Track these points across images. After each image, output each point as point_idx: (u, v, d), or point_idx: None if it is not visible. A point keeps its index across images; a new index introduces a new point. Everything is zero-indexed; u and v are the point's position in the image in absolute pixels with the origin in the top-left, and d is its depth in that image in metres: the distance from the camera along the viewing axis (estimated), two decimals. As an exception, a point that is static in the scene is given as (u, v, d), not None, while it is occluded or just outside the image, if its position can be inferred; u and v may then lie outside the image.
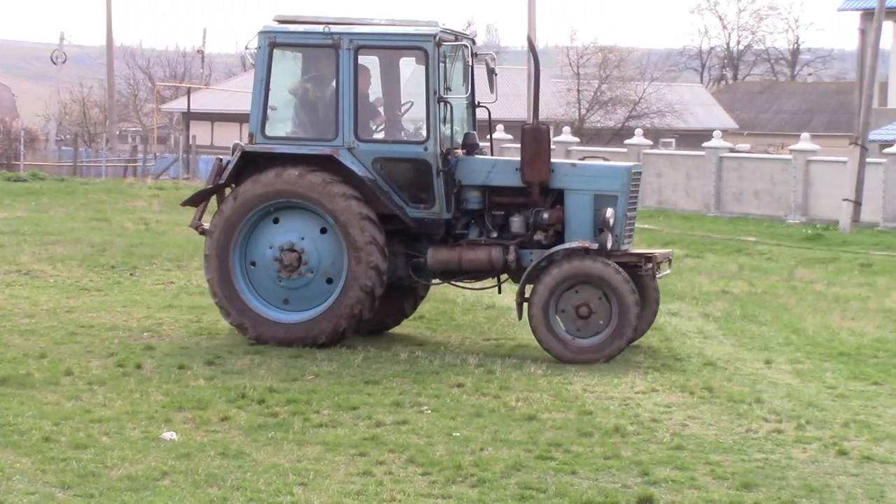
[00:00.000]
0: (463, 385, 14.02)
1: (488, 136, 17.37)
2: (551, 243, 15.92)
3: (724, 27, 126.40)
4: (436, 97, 15.74)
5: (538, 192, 15.95)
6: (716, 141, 43.42)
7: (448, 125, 16.20)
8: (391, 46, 16.40)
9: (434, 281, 16.77)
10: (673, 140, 65.96)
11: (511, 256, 15.90)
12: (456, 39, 16.27)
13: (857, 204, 36.16)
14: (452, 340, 16.88)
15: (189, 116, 70.47)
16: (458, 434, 12.02)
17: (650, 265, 15.77)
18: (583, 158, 17.16)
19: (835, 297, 21.82)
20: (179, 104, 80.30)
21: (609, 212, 15.55)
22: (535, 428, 12.31)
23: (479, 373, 14.69)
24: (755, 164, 42.64)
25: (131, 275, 22.36)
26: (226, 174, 16.37)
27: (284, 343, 15.74)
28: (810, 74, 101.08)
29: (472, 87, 16.79)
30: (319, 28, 16.19)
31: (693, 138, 61.51)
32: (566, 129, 48.41)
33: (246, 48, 16.93)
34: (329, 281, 15.93)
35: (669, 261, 16.62)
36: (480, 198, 16.21)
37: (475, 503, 10.11)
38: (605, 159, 17.47)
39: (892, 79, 53.42)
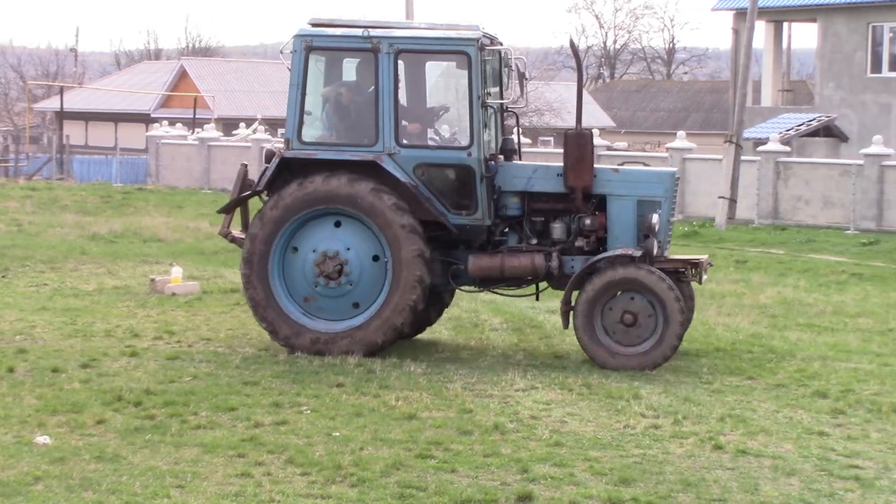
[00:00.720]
0: (343, 385, 14.00)
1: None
2: (593, 250, 15.80)
3: (601, 26, 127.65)
4: (479, 102, 15.49)
5: (581, 197, 15.75)
6: (594, 139, 43.73)
7: (492, 130, 16.14)
8: (433, 50, 16.07)
9: (471, 288, 16.56)
10: (551, 138, 66.39)
11: (554, 263, 15.72)
12: (492, 43, 16.05)
13: (733, 201, 36.69)
14: (332, 340, 16.78)
15: (62, 116, 69.43)
16: (337, 434, 12.00)
17: (695, 271, 15.75)
18: (622, 164, 16.78)
19: (711, 294, 22.11)
20: (52, 103, 79.06)
21: (654, 218, 15.41)
22: (414, 427, 12.33)
23: (359, 372, 14.68)
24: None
25: (3, 277, 22.01)
26: (263, 180, 16.02)
27: (321, 352, 15.42)
28: (686, 73, 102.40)
29: (501, 92, 16.42)
30: (358, 32, 15.90)
31: (571, 137, 61.85)
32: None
33: (281, 52, 16.51)
34: (356, 305, 15.65)
35: (710, 265, 16.43)
36: (520, 204, 15.99)
37: (355, 503, 10.10)
38: (645, 164, 17.28)
39: (765, 78, 54.31)
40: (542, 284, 16.27)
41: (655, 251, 15.35)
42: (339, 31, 16.06)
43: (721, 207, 36.56)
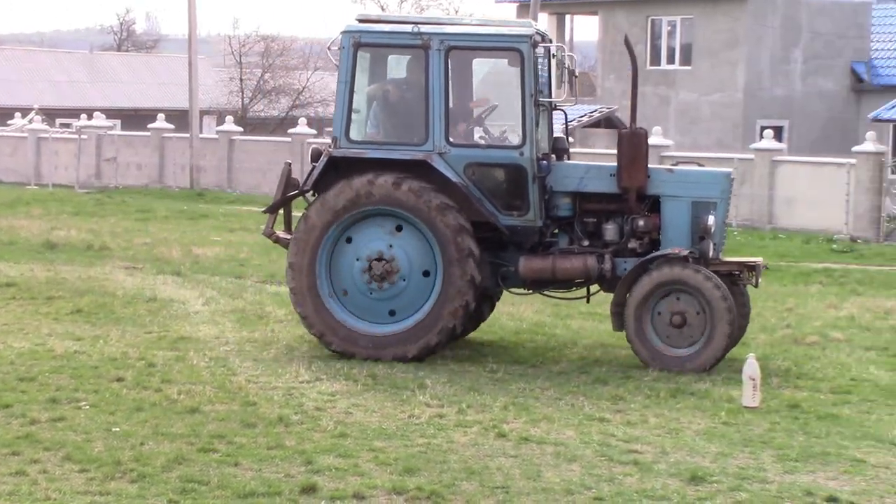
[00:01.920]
0: (123, 379, 13.78)
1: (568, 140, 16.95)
2: (646, 252, 15.46)
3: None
4: (532, 100, 15.21)
5: (634, 198, 15.45)
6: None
7: (546, 129, 15.88)
8: (485, 47, 15.77)
9: (522, 291, 16.27)
10: (338, 129, 66.29)
11: (607, 265, 15.39)
12: (544, 40, 15.74)
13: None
14: (112, 334, 16.53)
15: None
16: (117, 429, 11.81)
17: (751, 273, 15.49)
18: (676, 164, 16.48)
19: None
20: None
21: (710, 219, 15.16)
22: (197, 420, 12.21)
23: (141, 366, 14.47)
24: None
25: None
26: (311, 179, 15.69)
27: (373, 357, 15.15)
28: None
29: (550, 89, 16.05)
30: (408, 28, 15.56)
31: (357, 128, 61.93)
32: (229, 118, 48.06)
33: (329, 48, 16.15)
34: (426, 273, 15.33)
35: (766, 267, 16.16)
36: (571, 204, 15.68)
37: (135, 498, 9.95)
38: (699, 164, 16.91)
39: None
40: (594, 287, 15.94)
41: (711, 253, 15.17)
42: (388, 28, 15.84)
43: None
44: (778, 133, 41.42)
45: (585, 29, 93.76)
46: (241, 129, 47.81)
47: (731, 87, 43.71)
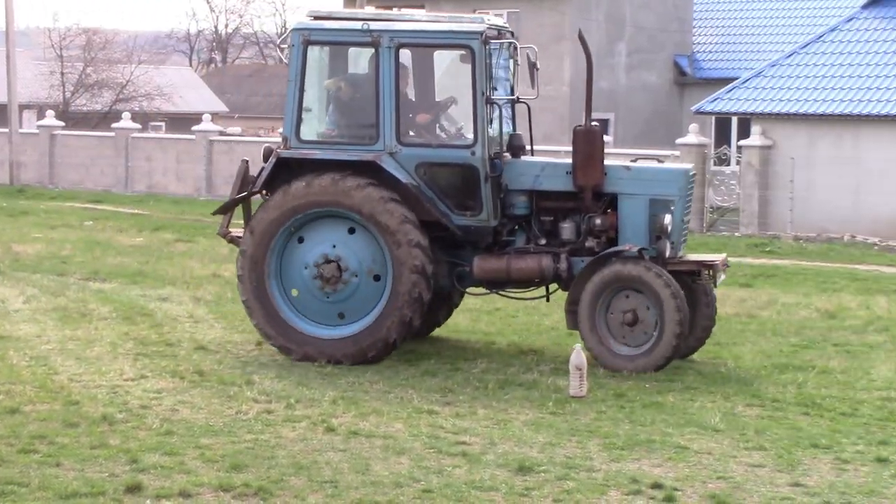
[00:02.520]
0: (-61, 381, 13.44)
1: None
2: (604, 251, 15.09)
3: (212, 10, 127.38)
4: (483, 98, 14.89)
5: (590, 196, 15.14)
6: (206, 124, 43.48)
7: (498, 127, 15.37)
8: (435, 44, 15.52)
9: (479, 291, 16.04)
10: (163, 124, 65.54)
11: (563, 265, 15.08)
12: (500, 35, 15.47)
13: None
14: (-72, 334, 16.11)
15: None
16: (-67, 432, 11.51)
17: (709, 272, 15.17)
18: (634, 160, 16.00)
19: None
20: None
21: (667, 218, 14.86)
22: (17, 421, 11.96)
23: (-42, 367, 14.13)
24: (246, 147, 42.84)
25: None
26: (259, 181, 15.30)
27: (333, 361, 14.88)
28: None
29: (513, 84, 15.96)
30: (357, 25, 15.23)
31: (183, 122, 61.29)
32: (50, 112, 47.16)
33: (279, 46, 15.78)
34: (377, 278, 15.02)
35: (726, 266, 15.86)
36: (527, 203, 15.37)
37: (-48, 503, 9.72)
38: (659, 161, 16.72)
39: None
40: (554, 286, 15.68)
41: (668, 252, 14.85)
42: (337, 25, 15.50)
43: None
44: (604, 126, 41.97)
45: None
46: (62, 123, 46.91)
47: (557, 81, 44.15)
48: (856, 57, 35.42)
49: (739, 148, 36.18)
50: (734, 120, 40.48)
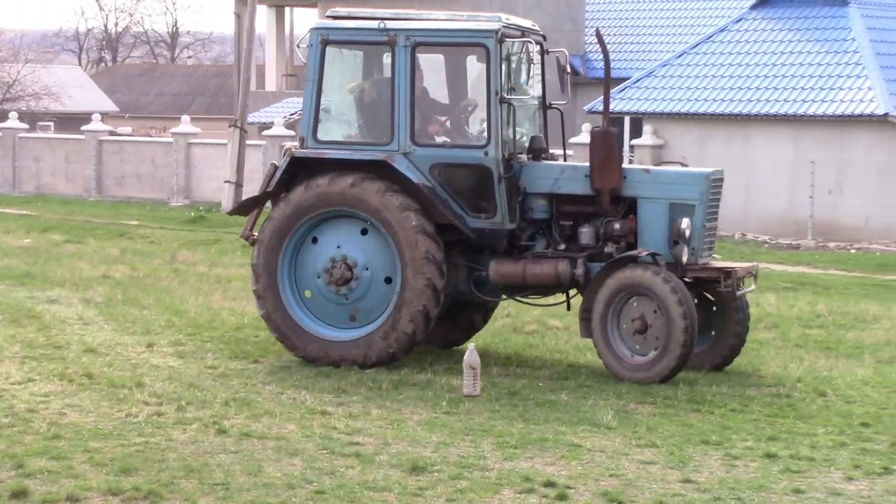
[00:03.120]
0: None
1: (562, 140, 16.31)
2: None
3: (102, 9, 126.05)
4: (497, 98, 14.53)
5: (608, 200, 14.68)
6: (95, 124, 43.08)
7: (512, 128, 14.91)
8: (450, 43, 15.15)
9: (499, 297, 15.53)
10: (51, 123, 64.73)
11: (580, 270, 14.61)
12: (522, 35, 15.13)
13: (239, 185, 36.90)
14: None
15: None
16: None
17: (730, 281, 14.45)
18: (660, 164, 15.78)
19: (217, 278, 22.20)
20: None
21: (685, 223, 14.37)
22: None
23: None
24: (137, 147, 42.66)
25: None
26: (274, 181, 15.06)
27: (335, 363, 14.72)
28: (190, 57, 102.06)
29: (543, 87, 15.68)
30: (374, 24, 14.93)
31: (72, 121, 60.67)
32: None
33: (298, 46, 15.41)
34: (388, 280, 14.75)
35: (754, 275, 15.31)
36: (547, 207, 14.97)
37: None
38: (683, 164, 16.47)
39: (269, 62, 54.92)
40: (574, 292, 15.27)
41: (686, 258, 14.36)
42: (355, 24, 15.25)
43: (227, 192, 36.70)
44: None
45: (305, 21, 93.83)
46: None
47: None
48: (745, 57, 35.91)
49: (631, 147, 36.50)
50: (626, 120, 40.79)
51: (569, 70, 15.56)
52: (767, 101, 34.15)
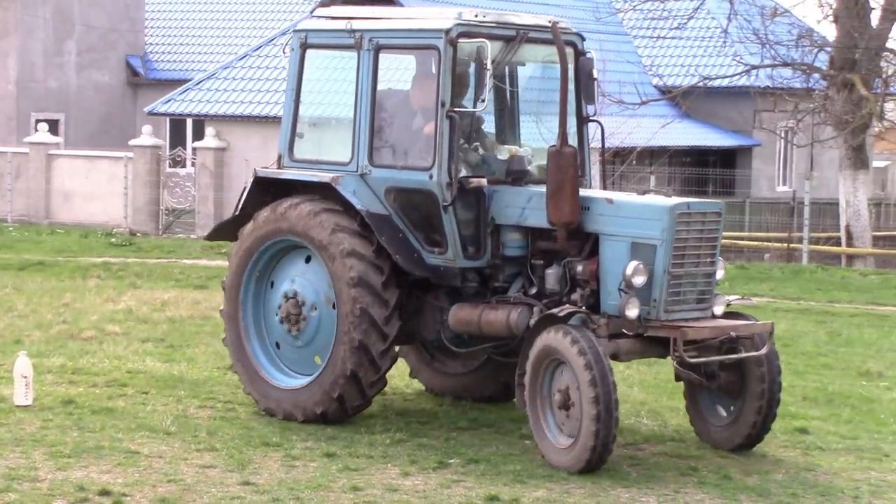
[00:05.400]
0: None
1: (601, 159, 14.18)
2: (589, 305, 11.90)
3: None
4: (444, 110, 12.12)
5: (565, 236, 12.01)
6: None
7: (474, 144, 12.78)
8: (408, 45, 12.80)
9: (467, 348, 13.02)
10: None
11: (535, 320, 11.92)
12: (515, 35, 12.57)
13: None
14: None
15: None
16: None
17: (685, 346, 11.49)
18: (645, 192, 13.17)
19: None
20: None
21: (631, 267, 11.50)
22: None
23: None
24: None
25: None
26: (239, 204, 13.34)
27: (289, 417, 12.83)
28: None
29: (577, 96, 12.97)
30: (343, 24, 12.88)
31: None
32: None
33: (283, 51, 13.41)
34: (335, 306, 12.65)
35: (768, 336, 12.02)
36: (522, 241, 12.47)
37: None
38: (662, 192, 13.65)
39: None
40: None
41: (632, 312, 11.43)
42: (331, 25, 13.16)
43: None
44: (54, 126, 41.12)
45: None
46: None
47: (3, 79, 42.83)
48: (306, 60, 36.27)
49: (194, 150, 36.31)
50: (189, 121, 40.57)
51: (595, 76, 13.03)
52: (329, 103, 34.60)
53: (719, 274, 11.99)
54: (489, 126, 13.33)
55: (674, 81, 40.00)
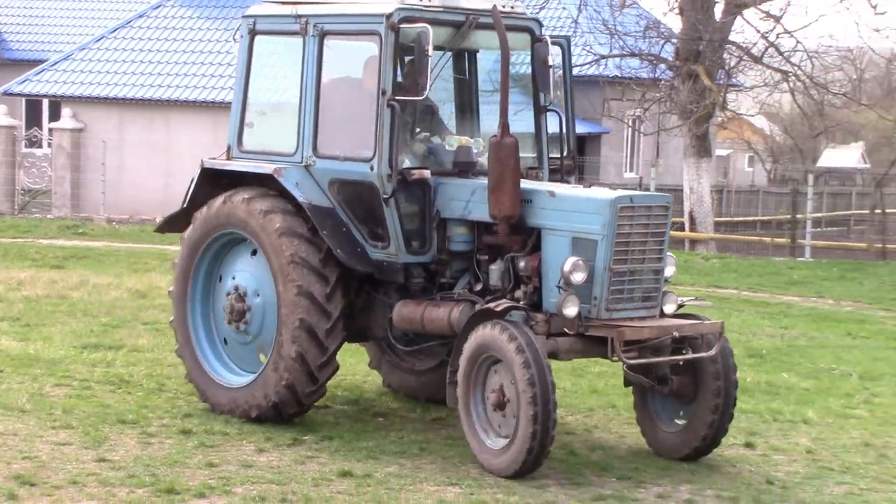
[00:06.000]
0: None
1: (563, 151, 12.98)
2: (532, 303, 11.29)
3: None
4: (385, 98, 11.44)
5: (506, 230, 11.35)
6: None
7: (420, 135, 12.23)
8: (353, 31, 12.02)
9: (410, 347, 12.53)
10: None
11: (469, 314, 11.28)
12: (465, 21, 11.92)
13: None
14: None
15: None
16: None
17: (624, 348, 10.81)
18: (591, 185, 12.21)
19: None
20: None
21: (569, 263, 10.82)
22: None
23: None
24: None
25: None
26: (187, 196, 12.68)
27: (228, 412, 12.29)
28: None
29: (534, 84, 12.50)
30: (290, 10, 12.21)
31: None
32: None
33: (234, 38, 12.57)
34: (263, 357, 12.20)
35: (717, 337, 11.23)
36: (468, 236, 11.83)
37: None
38: (597, 186, 12.47)
39: None
40: None
41: (570, 310, 10.78)
42: (279, 10, 12.44)
43: None
44: None
45: None
46: None
47: None
48: (164, 43, 36.04)
49: (51, 130, 35.83)
50: (45, 102, 39.97)
51: (551, 63, 12.41)
52: (187, 88, 34.38)
53: (669, 271, 11.36)
54: (449, 117, 12.79)
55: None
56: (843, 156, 73.60)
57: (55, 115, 36.98)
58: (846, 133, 67.33)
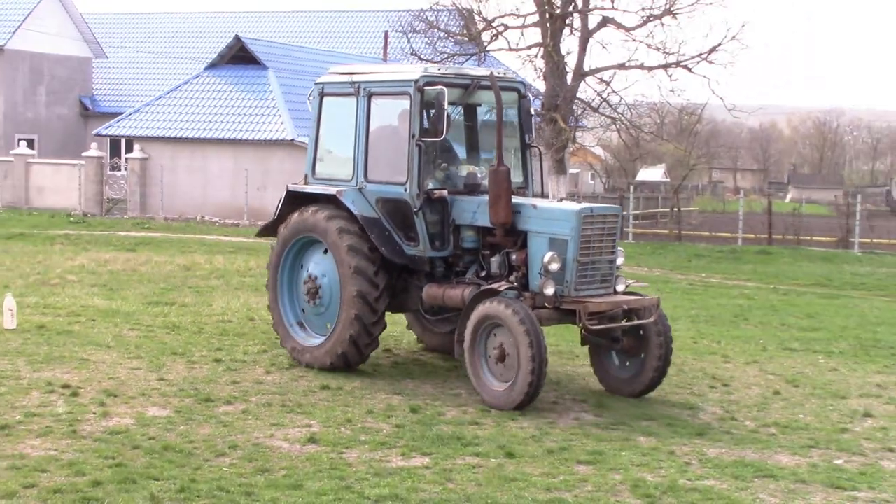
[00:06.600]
0: None
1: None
2: (521, 285, 10.91)
3: None
4: (414, 140, 11.03)
5: (503, 233, 11.07)
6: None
7: (440, 165, 11.59)
8: (390, 92, 11.43)
9: (434, 316, 12.10)
10: None
11: (474, 293, 10.84)
12: (472, 84, 11.46)
13: None
14: None
15: None
16: None
17: (590, 316, 10.46)
18: (562, 199, 11.81)
19: None
20: None
21: (547, 256, 10.52)
22: None
23: None
24: None
25: None
26: (276, 211, 11.98)
27: (311, 365, 11.53)
28: None
29: (520, 129, 11.95)
30: (347, 77, 11.71)
31: None
32: None
33: (308, 99, 12.18)
34: (330, 326, 11.56)
35: (655, 307, 10.87)
36: (475, 237, 11.41)
37: None
38: (570, 199, 11.87)
39: None
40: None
41: (549, 290, 10.43)
42: (339, 78, 11.86)
43: None
44: (31, 143, 39.76)
45: None
46: None
47: (-6, 110, 40.91)
48: (200, 100, 35.66)
49: (127, 159, 35.39)
50: (123, 140, 39.44)
51: (532, 113, 12.16)
52: (216, 130, 34.07)
53: (619, 260, 10.96)
54: (461, 152, 12.19)
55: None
56: (652, 173, 74.38)
57: (129, 149, 36.48)
58: (654, 158, 67.92)
